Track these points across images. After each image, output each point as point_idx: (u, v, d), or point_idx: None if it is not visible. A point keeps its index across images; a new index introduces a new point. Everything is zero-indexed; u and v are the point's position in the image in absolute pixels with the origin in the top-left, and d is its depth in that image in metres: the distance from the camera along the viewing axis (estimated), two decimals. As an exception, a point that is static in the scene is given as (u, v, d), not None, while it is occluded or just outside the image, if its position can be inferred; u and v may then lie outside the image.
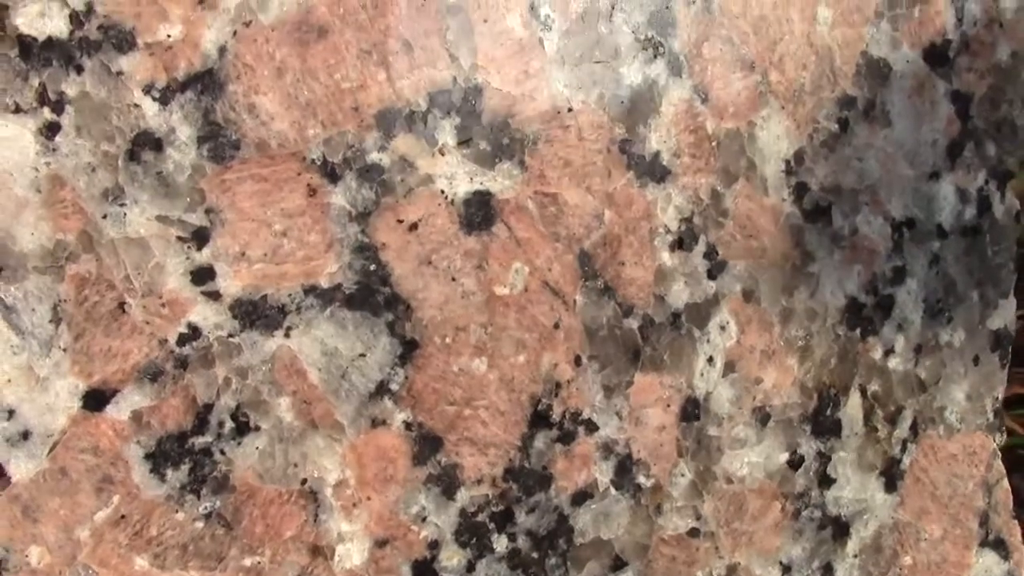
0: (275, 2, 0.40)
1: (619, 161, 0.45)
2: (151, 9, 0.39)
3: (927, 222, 0.51)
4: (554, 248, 0.44)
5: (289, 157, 0.41)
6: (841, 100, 0.49)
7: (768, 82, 0.47)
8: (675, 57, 0.46)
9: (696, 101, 0.46)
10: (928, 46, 0.50)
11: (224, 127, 0.40)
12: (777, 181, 0.48)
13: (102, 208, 0.39)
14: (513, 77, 0.43)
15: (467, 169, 0.43)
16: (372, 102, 0.42)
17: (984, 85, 0.52)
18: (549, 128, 0.44)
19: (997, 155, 0.52)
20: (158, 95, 0.39)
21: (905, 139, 0.50)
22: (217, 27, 0.39)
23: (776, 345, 0.48)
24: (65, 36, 0.38)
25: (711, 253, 0.47)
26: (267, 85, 0.40)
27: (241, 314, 0.41)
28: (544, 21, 0.44)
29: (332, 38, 0.41)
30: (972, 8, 0.51)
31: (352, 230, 0.42)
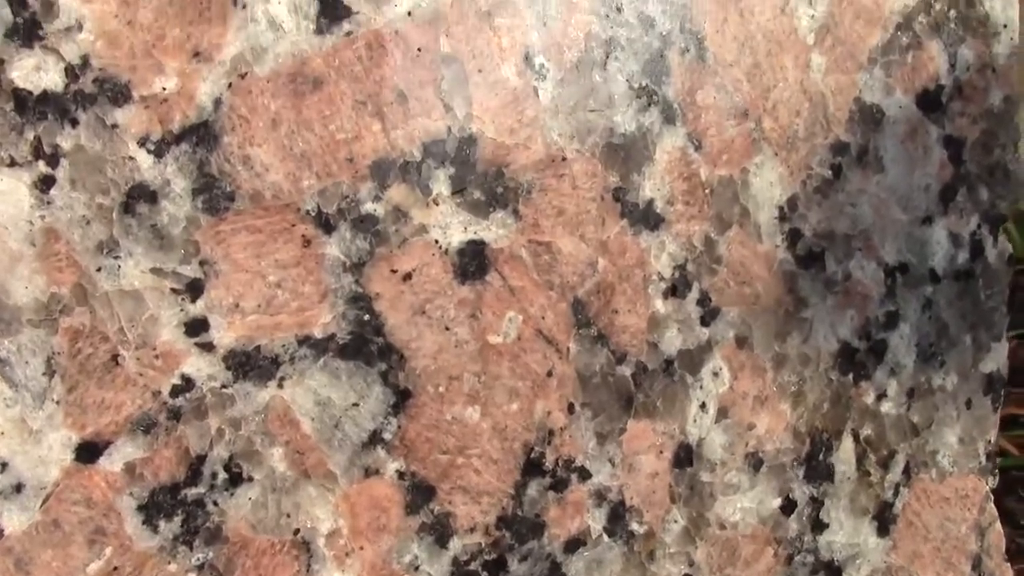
0: (270, 54, 0.40)
1: (613, 209, 0.46)
2: (146, 62, 0.39)
3: (920, 266, 0.51)
4: (548, 296, 0.45)
5: (284, 208, 0.41)
6: (834, 146, 0.49)
7: (762, 129, 0.48)
8: (669, 105, 0.46)
9: (690, 148, 0.47)
10: (921, 92, 0.51)
11: (219, 179, 0.40)
12: (770, 227, 0.48)
13: (96, 261, 0.39)
14: (507, 126, 0.44)
15: (461, 218, 0.43)
16: (367, 153, 0.42)
17: (976, 130, 0.52)
18: (543, 177, 0.44)
19: (990, 199, 0.53)
20: (153, 147, 0.39)
21: (898, 184, 0.50)
22: (212, 79, 0.40)
23: (769, 391, 0.49)
24: (60, 89, 0.38)
25: (704, 300, 0.47)
26: (262, 137, 0.41)
27: (234, 365, 0.41)
28: (538, 70, 0.44)
29: (327, 89, 0.41)
30: (965, 54, 0.52)
31: (346, 280, 0.42)
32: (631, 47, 0.45)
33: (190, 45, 0.40)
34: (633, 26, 0.45)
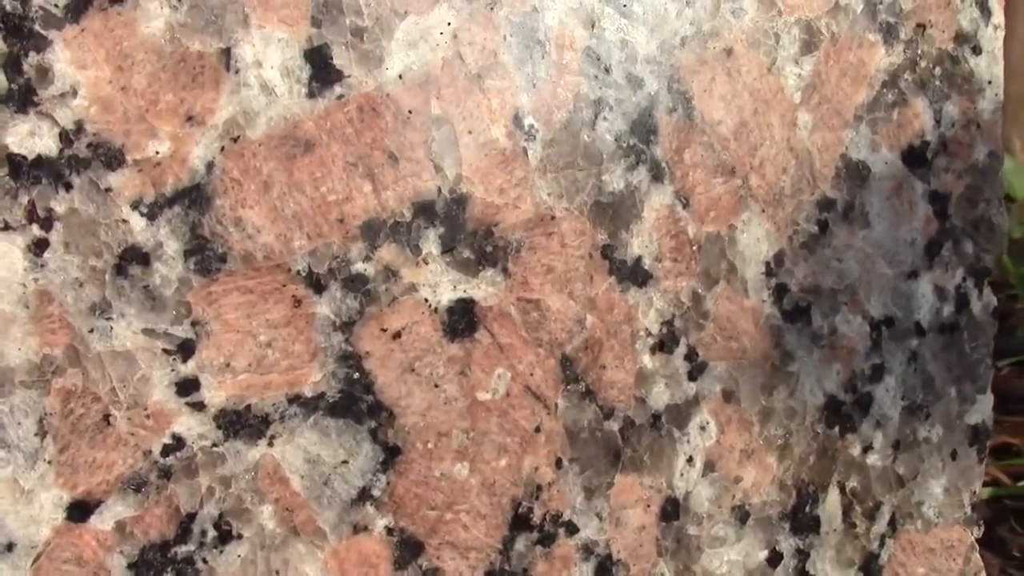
0: (263, 118, 0.41)
1: (601, 266, 0.47)
2: (140, 127, 0.40)
3: (905, 320, 0.52)
4: (536, 353, 0.46)
5: (275, 269, 0.42)
6: (821, 202, 0.50)
7: (749, 186, 0.49)
8: (657, 164, 0.47)
9: (678, 206, 0.48)
10: (906, 148, 0.52)
11: (211, 240, 0.41)
12: (757, 283, 0.49)
13: (89, 322, 0.40)
14: (497, 186, 0.45)
15: (451, 277, 0.44)
16: (357, 213, 0.43)
17: (962, 185, 0.53)
18: (532, 235, 0.45)
19: (975, 253, 0.54)
20: (146, 210, 0.40)
21: (884, 239, 0.52)
22: (205, 143, 0.41)
23: (755, 444, 0.50)
24: (55, 154, 0.39)
25: (692, 355, 0.48)
26: (254, 199, 0.41)
27: (225, 424, 0.42)
28: (528, 131, 0.45)
29: (319, 151, 0.42)
30: (950, 110, 0.53)
31: (336, 339, 0.43)
32: (619, 107, 0.46)
33: (183, 109, 0.41)
34: (621, 86, 0.46)
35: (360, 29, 0.42)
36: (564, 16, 0.45)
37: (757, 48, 0.49)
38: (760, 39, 0.49)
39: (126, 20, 0.40)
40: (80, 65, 0.39)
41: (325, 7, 0.42)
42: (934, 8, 0.52)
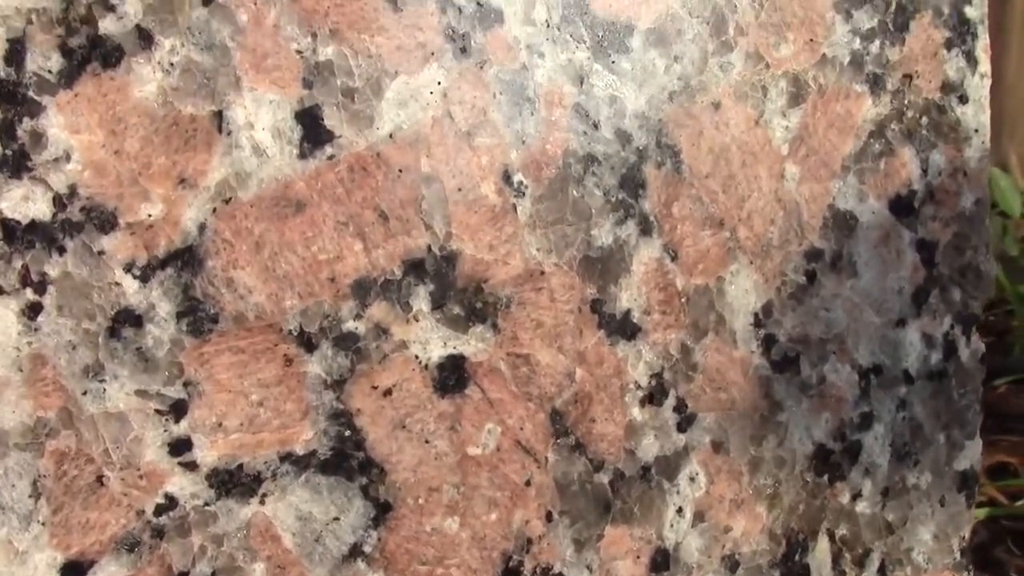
0: (254, 179, 0.42)
1: (590, 320, 0.47)
2: (133, 190, 0.41)
3: (894, 368, 0.53)
4: (526, 408, 0.47)
5: (266, 328, 0.43)
6: (808, 253, 0.51)
7: (737, 238, 0.50)
8: (645, 217, 0.48)
9: (666, 259, 0.49)
10: (894, 197, 0.53)
11: (203, 302, 0.42)
12: (746, 334, 0.50)
13: (82, 385, 0.41)
14: (487, 243, 0.46)
15: (441, 334, 0.45)
16: (348, 272, 0.44)
17: (949, 233, 0.54)
18: (522, 291, 0.46)
19: (962, 300, 0.55)
20: (139, 273, 0.41)
21: (871, 288, 0.53)
22: (197, 205, 0.42)
23: (745, 494, 0.51)
24: (48, 219, 0.40)
25: (681, 406, 0.49)
26: (245, 259, 0.42)
27: (217, 483, 0.42)
28: (517, 187, 0.46)
29: (310, 212, 0.43)
30: (937, 159, 0.54)
31: (327, 397, 0.44)
32: (608, 162, 0.47)
33: (176, 172, 0.41)
34: (610, 141, 0.47)
35: (351, 89, 0.43)
36: (553, 73, 0.46)
37: (745, 101, 0.49)
38: (748, 92, 0.49)
39: (119, 85, 0.40)
40: (73, 130, 0.40)
41: (316, 69, 0.43)
42: (921, 59, 0.53)
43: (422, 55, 0.44)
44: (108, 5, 0.40)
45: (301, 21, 0.42)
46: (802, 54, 0.50)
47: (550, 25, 0.46)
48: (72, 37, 0.40)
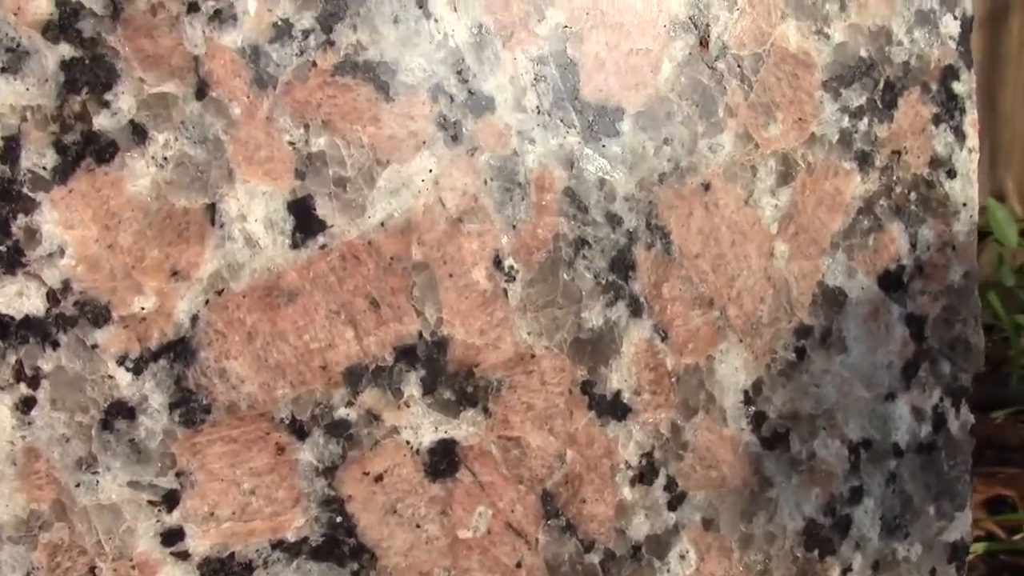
0: (247, 270, 0.43)
1: (581, 402, 0.49)
2: (126, 283, 0.42)
3: (883, 442, 0.55)
4: (517, 490, 0.48)
5: (258, 418, 0.44)
6: (798, 330, 0.52)
7: (727, 317, 0.51)
8: (635, 299, 0.49)
9: (656, 339, 0.50)
10: (883, 272, 0.54)
11: (195, 392, 0.43)
12: (736, 412, 0.51)
13: (75, 477, 0.42)
14: (477, 328, 0.47)
15: (432, 419, 0.46)
16: (340, 360, 0.45)
17: (938, 306, 0.56)
18: (513, 374, 0.47)
19: (952, 373, 0.56)
20: (131, 365, 0.42)
21: (861, 363, 0.54)
22: (190, 297, 0.43)
23: (735, 570, 0.52)
24: (42, 314, 0.41)
25: (671, 485, 0.50)
26: (238, 350, 0.43)
27: (209, 572, 0.43)
28: (508, 272, 0.47)
29: (302, 301, 0.44)
30: (925, 234, 0.55)
31: (319, 484, 0.45)
32: (598, 244, 0.49)
33: (168, 265, 0.43)
34: (600, 224, 0.49)
35: (343, 179, 0.45)
36: (544, 158, 0.47)
37: (734, 181, 0.51)
38: (737, 172, 0.51)
39: (113, 179, 0.42)
40: (67, 225, 0.41)
41: (309, 159, 0.44)
42: (909, 135, 0.54)
43: (414, 143, 0.45)
44: (102, 101, 0.41)
45: (294, 113, 0.44)
46: (791, 133, 0.52)
47: (541, 111, 0.47)
48: (67, 133, 0.41)
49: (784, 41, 0.51)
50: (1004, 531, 0.99)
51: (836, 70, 0.52)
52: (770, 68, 0.51)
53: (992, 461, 1.10)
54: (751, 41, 0.51)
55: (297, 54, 0.44)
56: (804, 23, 0.52)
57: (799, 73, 0.52)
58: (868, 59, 0.53)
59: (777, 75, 0.51)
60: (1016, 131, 1.70)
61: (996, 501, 1.04)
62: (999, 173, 1.71)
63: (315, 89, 0.44)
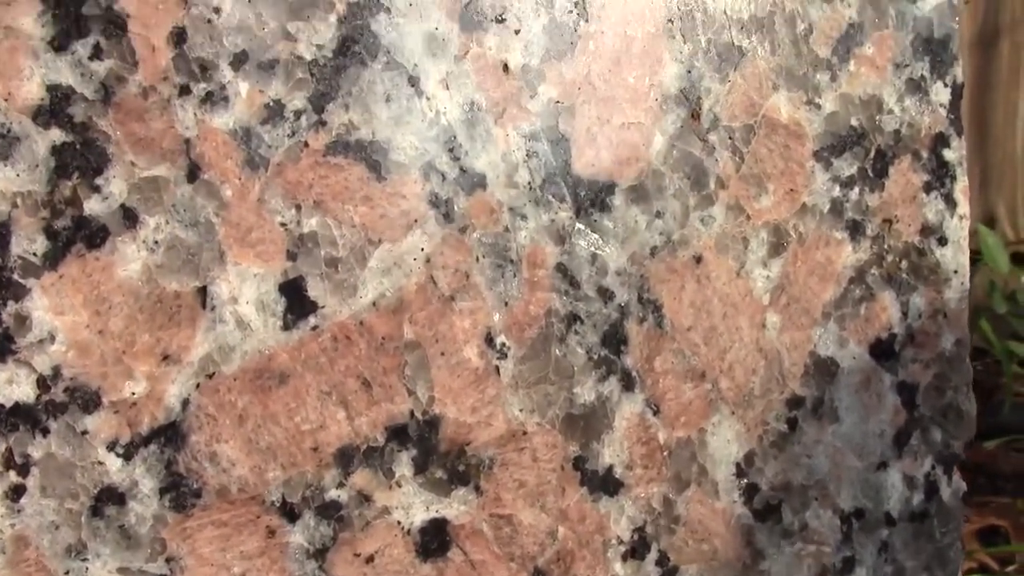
0: (238, 352, 0.44)
1: (572, 478, 0.49)
2: (117, 369, 0.42)
3: (876, 511, 0.55)
4: (508, 568, 0.48)
5: (249, 501, 0.44)
6: (790, 400, 0.53)
7: (719, 389, 0.52)
8: (627, 373, 0.50)
9: (648, 413, 0.50)
10: (874, 341, 0.55)
11: (186, 477, 0.43)
12: (728, 484, 0.52)
13: (65, 564, 0.42)
14: (469, 406, 0.47)
15: (423, 498, 0.47)
16: (331, 441, 0.45)
17: (929, 374, 0.56)
18: (504, 452, 0.48)
19: (943, 440, 0.57)
20: (122, 451, 0.42)
21: (853, 433, 0.54)
22: (181, 381, 0.43)
23: (728, 643, 0.52)
24: (32, 401, 0.41)
25: (663, 560, 0.51)
26: (228, 433, 0.44)
27: (199, 657, 0.44)
28: (500, 349, 0.48)
29: (293, 382, 0.45)
30: (917, 302, 0.56)
31: (310, 567, 0.45)
32: (590, 320, 0.49)
33: (159, 349, 0.43)
34: (592, 299, 0.49)
35: (335, 259, 0.45)
36: (536, 234, 0.48)
37: (726, 253, 0.51)
38: (729, 244, 0.52)
39: (104, 264, 0.42)
40: (58, 311, 0.42)
41: (301, 240, 0.45)
42: (900, 203, 0.55)
43: (406, 222, 0.46)
44: (93, 186, 0.42)
45: (285, 194, 0.44)
46: (783, 204, 0.52)
47: (533, 187, 0.48)
48: (57, 219, 0.41)
49: (775, 112, 0.52)
50: (997, 562, 0.99)
51: (827, 140, 0.53)
52: (761, 139, 0.52)
53: (985, 490, 1.10)
54: (742, 113, 0.51)
55: (289, 135, 0.44)
56: (795, 94, 0.52)
57: (790, 144, 0.52)
58: (859, 128, 0.54)
59: (768, 146, 0.52)
60: (1006, 153, 1.71)
61: (989, 531, 1.05)
62: (990, 196, 1.72)
63: (307, 169, 0.45)
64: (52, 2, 0.41)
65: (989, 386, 1.29)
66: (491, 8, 0.47)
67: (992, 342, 1.25)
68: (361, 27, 0.45)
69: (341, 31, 0.45)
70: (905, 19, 0.55)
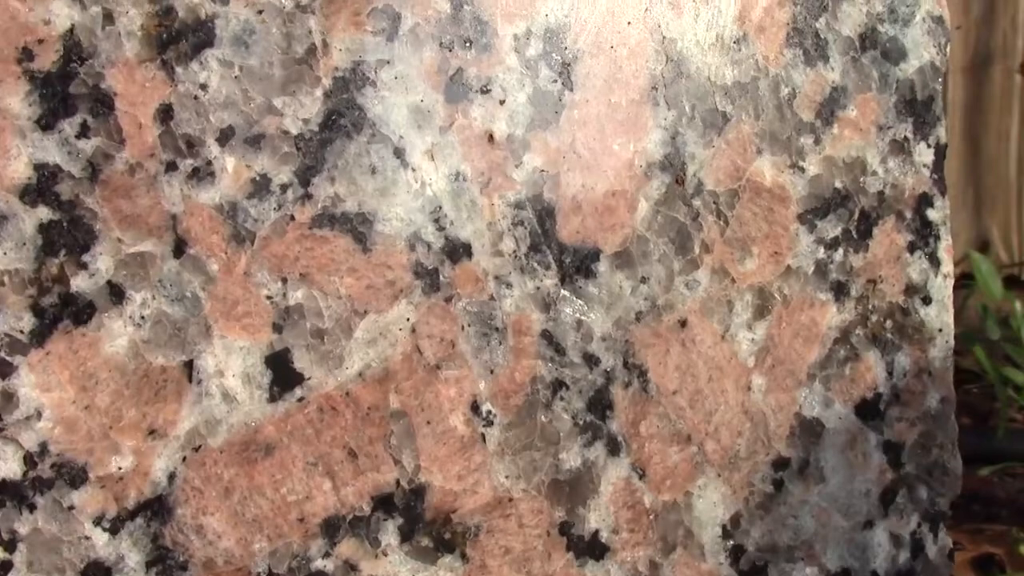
0: (224, 425, 0.44)
1: (559, 543, 0.50)
2: (103, 444, 0.43)
3: (862, 570, 0.56)
4: (495, 635, 0.49)
5: (235, 573, 0.45)
6: (776, 462, 0.54)
7: (704, 452, 0.52)
8: (613, 438, 0.51)
9: (634, 478, 0.51)
10: (860, 401, 0.55)
11: (172, 550, 0.44)
12: (714, 546, 0.53)
13: (51, 640, 0.42)
14: (455, 473, 0.48)
15: (410, 567, 0.47)
16: (317, 511, 0.46)
17: (915, 432, 0.57)
18: (490, 518, 0.48)
19: (929, 498, 0.57)
20: (108, 525, 0.43)
21: (839, 492, 0.55)
22: (167, 454, 0.44)
23: None
24: (19, 477, 0.42)
25: (650, 623, 0.51)
26: (215, 505, 0.44)
27: None
28: (486, 417, 0.48)
29: (279, 454, 0.45)
30: (902, 361, 0.57)
31: (296, 637, 0.46)
32: (576, 386, 0.50)
33: (146, 424, 0.43)
34: (577, 365, 0.50)
35: (321, 331, 0.46)
36: (521, 302, 0.49)
37: (711, 317, 0.52)
38: (714, 308, 0.52)
39: (90, 340, 0.43)
40: (44, 388, 0.42)
41: (287, 312, 0.45)
42: (884, 263, 0.56)
43: (391, 293, 0.47)
44: (80, 263, 0.42)
45: (271, 267, 0.45)
46: (767, 267, 0.53)
47: (518, 255, 0.48)
48: (44, 296, 0.42)
49: (759, 176, 0.53)
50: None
51: (811, 202, 0.54)
52: (746, 203, 0.53)
53: (979, 517, 1.11)
54: (727, 177, 0.52)
55: (275, 208, 0.45)
56: (779, 157, 0.53)
57: (774, 207, 0.53)
58: (843, 190, 0.55)
59: (753, 210, 0.53)
60: (999, 177, 1.73)
61: (983, 559, 1.05)
62: (983, 220, 1.73)
63: (293, 243, 0.45)
64: (39, 82, 0.41)
65: (984, 411, 1.29)
66: (476, 79, 0.48)
67: (987, 369, 1.26)
68: (347, 100, 0.46)
69: (327, 105, 0.45)
70: (888, 81, 0.55)
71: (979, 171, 1.72)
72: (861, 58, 0.55)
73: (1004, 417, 1.18)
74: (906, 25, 0.56)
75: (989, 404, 1.30)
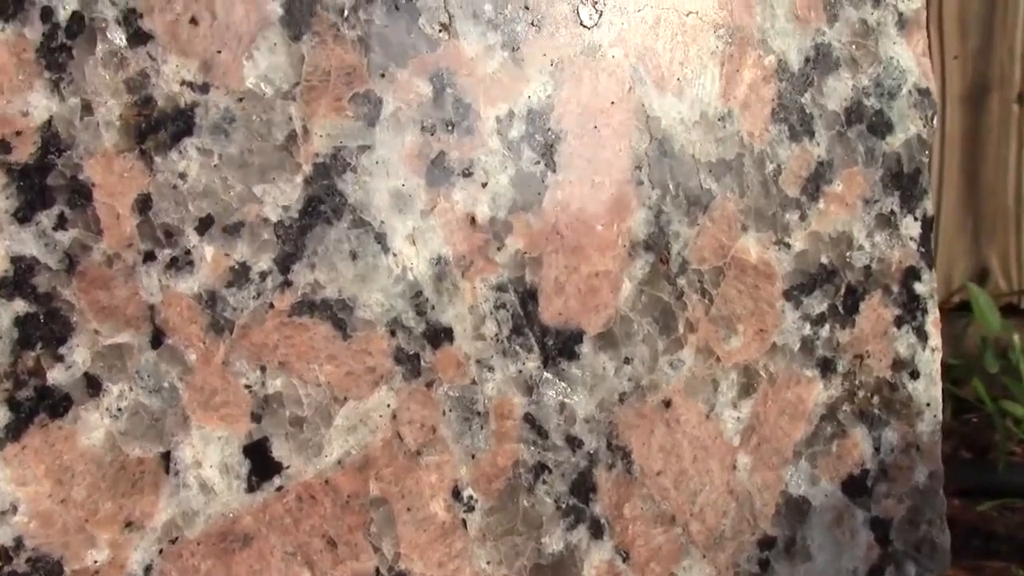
0: (201, 516, 0.44)
1: (541, 629, 0.50)
2: (79, 537, 0.43)
3: (849, 649, 0.56)
4: None
5: (212, 665, 0.45)
6: (762, 541, 0.54)
7: (689, 533, 0.52)
8: (596, 521, 0.50)
9: (618, 560, 0.51)
10: (847, 478, 0.55)
11: (148, 643, 0.44)
12: (699, 628, 0.52)
13: None
14: (436, 560, 0.48)
15: (390, 656, 0.47)
16: (296, 602, 0.46)
17: (903, 508, 0.57)
18: (472, 605, 0.48)
19: (918, 574, 0.57)
20: (83, 620, 0.43)
21: (826, 571, 0.55)
22: (144, 547, 0.44)
23: None
24: (-7, 573, 0.42)
25: None
26: (192, 598, 0.44)
27: None
28: (467, 502, 0.48)
29: (257, 544, 0.45)
30: (889, 436, 0.56)
31: None
32: (559, 469, 0.50)
33: (122, 516, 0.43)
34: (560, 448, 0.50)
35: (300, 419, 0.46)
36: (503, 385, 0.49)
37: (696, 396, 0.52)
38: (698, 387, 0.52)
39: (66, 434, 0.43)
40: (20, 482, 0.42)
41: (265, 401, 0.45)
42: (871, 338, 0.56)
43: (372, 379, 0.47)
44: (57, 355, 0.42)
45: (250, 356, 0.45)
46: (752, 345, 0.53)
47: (500, 339, 0.48)
48: (20, 390, 0.42)
49: (744, 253, 0.53)
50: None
51: (797, 279, 0.54)
52: (731, 281, 0.53)
53: (978, 553, 1.10)
54: (711, 255, 0.52)
55: (254, 297, 0.45)
56: (764, 234, 0.53)
57: (760, 284, 0.53)
58: (829, 266, 0.55)
59: (738, 287, 0.53)
60: (998, 206, 1.73)
61: (982, 597, 1.04)
62: (982, 249, 1.73)
63: (272, 331, 0.45)
64: (16, 174, 0.41)
65: (983, 443, 1.29)
66: (458, 162, 0.48)
67: (986, 402, 1.25)
68: (327, 187, 0.46)
69: (307, 191, 0.45)
70: (874, 155, 0.55)
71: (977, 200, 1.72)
72: (847, 132, 0.55)
73: (1004, 450, 1.17)
74: (892, 98, 0.56)
75: (989, 436, 1.30)
